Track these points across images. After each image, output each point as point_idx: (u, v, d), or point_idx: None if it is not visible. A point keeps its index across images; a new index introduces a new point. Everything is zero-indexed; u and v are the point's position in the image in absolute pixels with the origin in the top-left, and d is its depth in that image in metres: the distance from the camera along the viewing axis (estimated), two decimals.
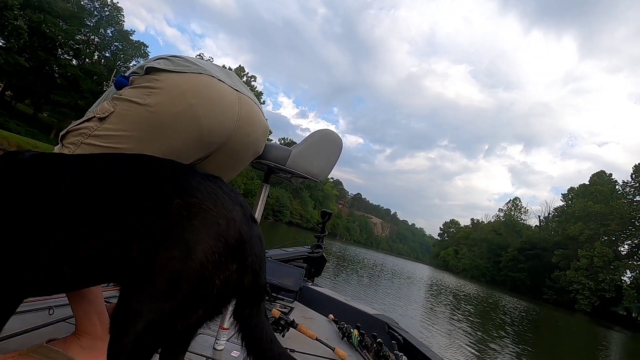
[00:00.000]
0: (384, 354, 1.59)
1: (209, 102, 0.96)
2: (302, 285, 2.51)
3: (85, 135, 0.93)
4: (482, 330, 9.48)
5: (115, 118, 0.92)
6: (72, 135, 0.93)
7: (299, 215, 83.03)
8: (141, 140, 0.93)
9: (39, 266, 0.64)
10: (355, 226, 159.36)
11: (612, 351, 14.96)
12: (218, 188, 0.64)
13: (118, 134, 0.92)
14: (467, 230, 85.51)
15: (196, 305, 0.60)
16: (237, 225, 0.61)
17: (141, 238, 0.60)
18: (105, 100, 0.97)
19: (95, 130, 0.92)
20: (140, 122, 0.92)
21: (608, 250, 40.53)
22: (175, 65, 0.95)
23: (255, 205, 1.40)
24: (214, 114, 0.97)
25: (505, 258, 58.01)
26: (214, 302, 0.63)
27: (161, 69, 0.93)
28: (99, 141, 0.92)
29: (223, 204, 0.61)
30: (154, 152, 0.92)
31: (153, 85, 0.93)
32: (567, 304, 42.75)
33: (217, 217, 0.60)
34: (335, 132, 1.42)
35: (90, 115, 0.94)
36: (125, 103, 0.93)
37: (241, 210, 0.63)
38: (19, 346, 0.99)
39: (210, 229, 0.59)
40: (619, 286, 39.11)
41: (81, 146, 0.92)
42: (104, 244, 0.62)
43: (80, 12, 32.45)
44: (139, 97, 0.92)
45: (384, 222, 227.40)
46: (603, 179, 49.45)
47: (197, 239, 0.58)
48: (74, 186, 0.66)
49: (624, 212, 40.87)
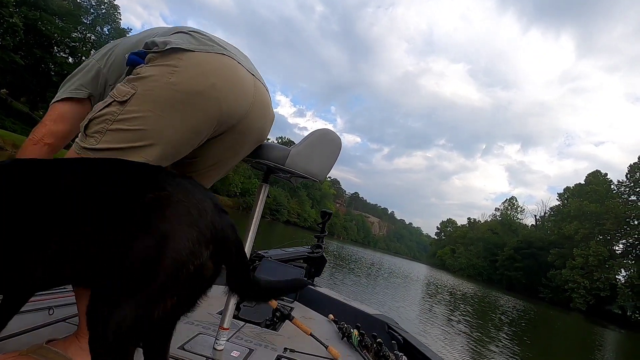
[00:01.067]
0: (384, 354, 1.60)
1: (229, 84, 0.97)
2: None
3: (110, 122, 0.91)
4: (479, 329, 9.53)
5: (138, 99, 0.91)
6: (95, 124, 0.92)
7: (297, 215, 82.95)
8: (165, 119, 0.92)
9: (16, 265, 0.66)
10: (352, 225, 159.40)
11: (608, 349, 15.09)
12: (189, 183, 0.68)
13: (143, 115, 0.91)
14: (464, 230, 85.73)
15: (171, 291, 0.61)
16: (209, 215, 0.64)
17: (116, 232, 0.62)
18: (119, 83, 0.95)
19: (120, 114, 0.91)
20: (165, 101, 0.91)
21: (603, 250, 40.78)
22: (199, 43, 0.96)
23: (254, 205, 1.41)
24: (233, 96, 0.99)
25: (502, 257, 58.23)
26: (189, 288, 0.65)
27: (184, 48, 0.93)
28: (125, 125, 0.91)
29: (194, 196, 0.65)
30: (175, 129, 0.93)
31: (176, 64, 0.92)
32: (563, 302, 43.00)
33: (189, 207, 0.62)
34: (334, 132, 1.42)
35: (109, 101, 0.92)
36: (147, 83, 0.92)
37: (211, 202, 0.67)
38: (18, 346, 0.99)
39: (183, 218, 0.61)
40: (613, 285, 39.36)
41: (107, 133, 0.91)
42: (77, 241, 0.64)
43: (77, 10, 32.18)
44: (162, 75, 0.91)
45: (381, 221, 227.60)
46: (598, 179, 49.74)
47: (170, 228, 0.60)
48: (52, 188, 0.68)
49: (618, 212, 41.12)
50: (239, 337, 1.56)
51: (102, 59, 1.14)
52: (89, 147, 0.91)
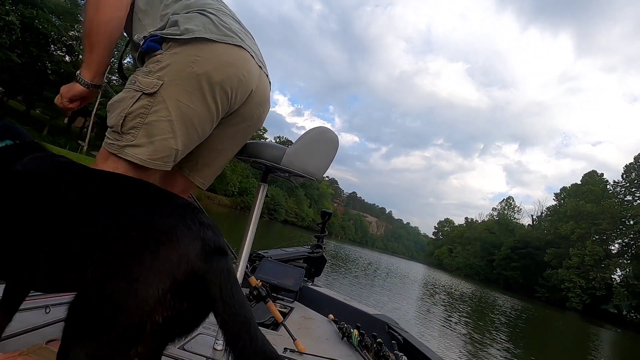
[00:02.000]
0: (384, 354, 1.59)
1: (241, 76, 1.01)
2: (302, 285, 2.52)
3: (144, 115, 0.92)
4: (476, 329, 9.57)
5: (166, 90, 0.93)
6: (130, 120, 0.92)
7: (294, 214, 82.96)
8: (189, 108, 0.95)
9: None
10: (350, 225, 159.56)
11: (604, 349, 15.18)
12: (183, 219, 0.62)
13: (171, 105, 0.93)
14: (461, 229, 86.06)
15: (133, 340, 0.58)
16: (191, 262, 0.59)
17: (96, 261, 0.59)
18: (141, 73, 0.94)
19: (152, 107, 0.92)
20: (190, 90, 0.94)
21: (599, 249, 41.03)
22: (219, 32, 0.98)
23: (253, 205, 1.41)
24: (243, 88, 1.03)
25: (499, 257, 58.51)
26: (158, 337, 0.62)
27: (207, 38, 0.95)
28: (157, 116, 0.93)
29: (180, 239, 0.59)
30: (199, 118, 0.97)
31: (198, 53, 0.94)
32: (559, 302, 43.24)
33: (169, 252, 0.58)
34: (331, 130, 1.41)
35: (136, 94, 0.92)
36: (172, 73, 0.93)
37: (201, 244, 0.61)
38: (18, 346, 0.99)
39: (160, 264, 0.57)
40: (609, 284, 39.62)
41: (143, 127, 0.92)
42: (60, 256, 0.64)
43: (74, 8, 32.01)
44: (186, 64, 0.93)
45: (379, 220, 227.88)
46: (594, 179, 50.06)
47: (144, 274, 0.57)
48: (48, 192, 0.69)
49: (614, 212, 41.39)
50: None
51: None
52: (128, 144, 0.92)
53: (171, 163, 0.99)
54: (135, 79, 0.94)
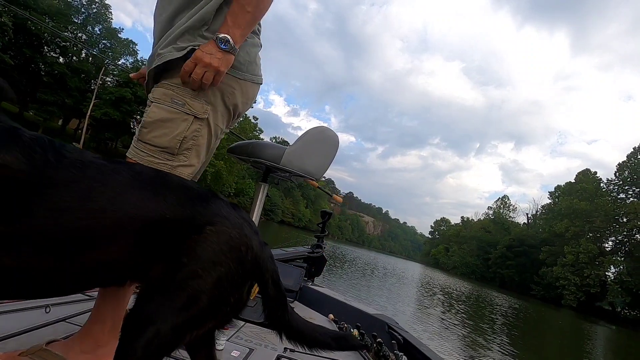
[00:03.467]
0: (384, 354, 1.59)
1: (251, 106, 1.17)
2: (302, 285, 2.53)
3: (197, 137, 1.01)
4: (474, 327, 9.63)
5: (210, 115, 1.02)
6: (187, 141, 1.00)
7: (291, 214, 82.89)
8: (219, 128, 1.09)
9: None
10: (347, 225, 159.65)
11: (598, 345, 15.34)
12: (241, 218, 0.74)
13: (214, 128, 1.05)
14: (457, 228, 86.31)
15: (209, 319, 0.68)
16: (254, 251, 0.71)
17: (168, 253, 0.66)
18: (187, 96, 0.99)
19: (202, 129, 1.02)
20: (223, 115, 1.07)
21: (593, 247, 41.41)
22: (259, 73, 1.13)
23: (253, 205, 1.42)
24: (247, 108, 1.18)
25: (494, 255, 58.83)
26: (225, 316, 0.73)
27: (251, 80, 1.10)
28: (205, 138, 1.03)
29: (245, 233, 0.71)
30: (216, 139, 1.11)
31: (235, 86, 1.06)
32: (554, 299, 43.58)
33: (239, 243, 0.70)
34: (331, 130, 1.41)
35: (190, 119, 1.00)
36: (216, 99, 1.03)
37: (257, 237, 0.74)
38: (18, 346, 0.98)
39: (233, 254, 0.68)
40: (603, 281, 40.05)
41: (193, 149, 1.02)
42: (132, 250, 0.67)
43: (67, 9, 31.76)
44: (226, 94, 1.05)
45: (375, 220, 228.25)
46: (588, 177, 50.48)
47: (220, 261, 0.66)
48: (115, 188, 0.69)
49: (608, 209, 41.81)
50: (239, 336, 1.56)
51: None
52: (181, 165, 1.00)
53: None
54: (183, 101, 0.98)
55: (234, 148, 1.48)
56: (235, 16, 0.96)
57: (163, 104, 0.98)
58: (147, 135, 0.98)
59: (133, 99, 30.76)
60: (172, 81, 0.99)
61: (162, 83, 1.01)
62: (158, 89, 1.01)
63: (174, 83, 0.99)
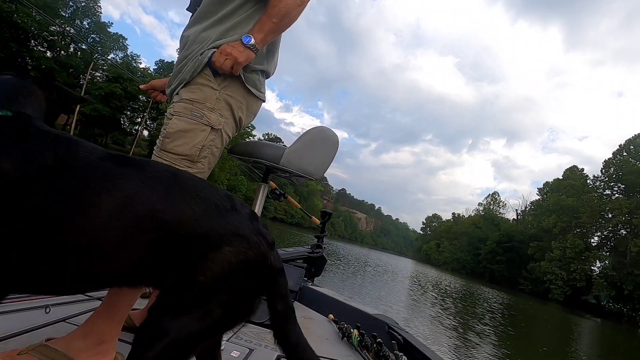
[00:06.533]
0: (384, 354, 1.59)
1: (252, 117, 1.28)
2: (302, 285, 2.53)
3: (212, 147, 1.12)
4: (465, 323, 9.80)
5: (224, 126, 1.14)
6: (205, 150, 1.11)
7: (283, 211, 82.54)
8: (228, 137, 1.19)
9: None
10: (339, 221, 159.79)
11: (584, 337, 15.71)
12: (259, 235, 0.73)
13: (225, 137, 1.17)
14: (448, 224, 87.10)
15: (221, 331, 0.73)
16: (269, 269, 0.74)
17: (185, 267, 0.66)
18: (204, 109, 1.10)
19: (216, 139, 1.13)
20: (232, 126, 1.19)
21: (579, 242, 42.17)
22: (260, 91, 1.24)
23: (253, 205, 1.42)
24: (249, 121, 1.30)
25: (484, 251, 59.61)
26: (239, 322, 0.77)
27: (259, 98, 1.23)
28: (219, 147, 1.15)
29: (262, 251, 0.72)
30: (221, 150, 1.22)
31: (243, 102, 1.18)
32: (542, 293, 44.36)
33: (256, 264, 0.71)
34: (330, 130, 1.43)
35: (207, 129, 1.10)
36: (227, 112, 1.14)
37: (273, 252, 0.75)
38: (18, 345, 0.97)
39: (250, 274, 0.70)
40: (589, 276, 40.81)
41: (209, 157, 1.13)
42: (151, 256, 0.67)
43: (55, 3, 31.02)
44: (235, 108, 1.16)
45: (368, 217, 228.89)
46: (575, 174, 51.39)
47: (236, 281, 0.68)
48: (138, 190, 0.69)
49: (594, 205, 42.60)
50: (239, 337, 1.55)
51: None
52: (199, 171, 1.10)
53: None
54: (202, 113, 1.10)
55: (233, 148, 1.48)
56: (262, 24, 1.12)
57: (184, 116, 1.09)
58: (170, 144, 1.08)
59: (123, 94, 30.31)
60: (192, 97, 1.11)
61: (182, 99, 1.11)
62: (179, 104, 1.11)
63: (193, 99, 1.10)
